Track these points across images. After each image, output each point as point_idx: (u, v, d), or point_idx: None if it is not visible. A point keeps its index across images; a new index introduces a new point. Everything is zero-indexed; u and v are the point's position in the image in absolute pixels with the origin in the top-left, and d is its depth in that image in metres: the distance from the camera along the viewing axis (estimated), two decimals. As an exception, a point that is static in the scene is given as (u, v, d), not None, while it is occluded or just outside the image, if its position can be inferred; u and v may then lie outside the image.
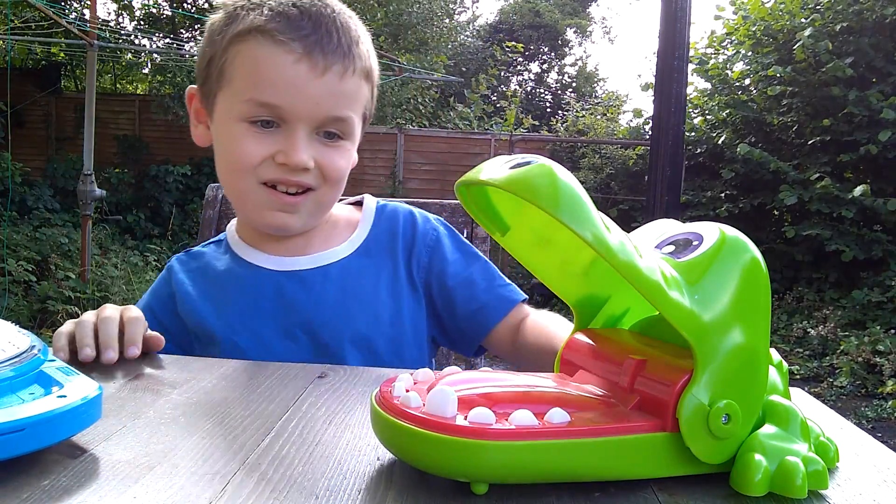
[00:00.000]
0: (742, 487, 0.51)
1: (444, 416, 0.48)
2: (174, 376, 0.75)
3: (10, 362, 0.55)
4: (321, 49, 0.89)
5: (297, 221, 0.97)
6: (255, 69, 0.90)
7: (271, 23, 0.89)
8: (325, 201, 0.98)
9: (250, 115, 0.90)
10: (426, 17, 11.90)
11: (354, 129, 0.96)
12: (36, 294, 5.45)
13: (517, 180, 0.49)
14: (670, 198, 5.88)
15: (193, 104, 1.00)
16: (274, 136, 0.91)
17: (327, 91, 0.90)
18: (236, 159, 0.93)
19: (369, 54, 0.96)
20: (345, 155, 0.97)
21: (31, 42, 8.64)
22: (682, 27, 5.83)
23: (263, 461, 0.53)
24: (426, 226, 1.07)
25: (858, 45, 6.60)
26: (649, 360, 0.55)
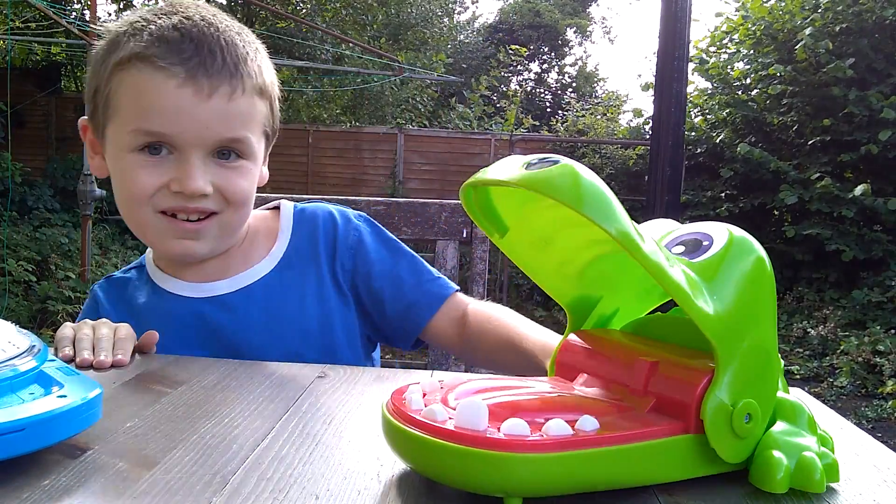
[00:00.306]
0: (765, 485, 0.51)
1: (478, 429, 0.46)
2: (174, 376, 0.75)
3: (9, 362, 0.55)
4: (205, 71, 0.86)
5: (202, 247, 0.93)
6: (138, 98, 0.87)
7: (151, 48, 0.86)
8: (232, 224, 0.94)
9: (138, 145, 0.88)
10: (426, 17, 11.91)
11: (253, 148, 0.92)
12: (36, 294, 5.45)
13: (545, 180, 0.48)
14: (670, 198, 5.88)
15: (87, 135, 0.97)
16: (166, 163, 0.88)
17: (216, 114, 0.87)
18: (130, 191, 0.90)
19: (261, 69, 0.92)
20: (246, 175, 0.92)
21: (31, 42, 8.64)
22: (683, 27, 5.82)
23: (263, 461, 0.53)
24: (347, 226, 1.04)
25: (858, 46, 6.60)
26: (661, 362, 0.55)
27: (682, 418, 0.52)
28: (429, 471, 0.49)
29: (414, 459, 0.50)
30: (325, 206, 1.08)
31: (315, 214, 1.05)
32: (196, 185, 0.87)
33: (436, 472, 0.48)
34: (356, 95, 10.77)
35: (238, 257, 1.00)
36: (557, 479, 0.47)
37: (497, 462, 0.45)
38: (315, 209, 1.06)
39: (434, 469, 0.48)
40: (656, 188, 5.92)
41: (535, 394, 0.54)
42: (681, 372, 0.54)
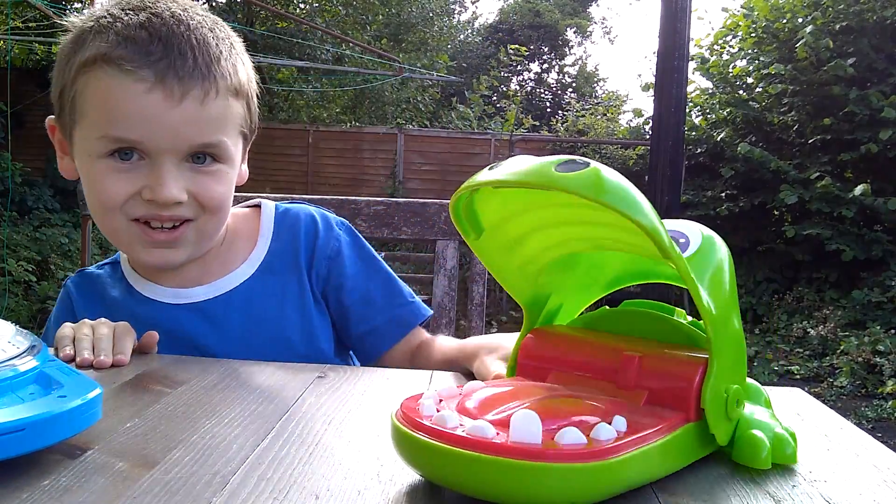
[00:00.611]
0: (751, 462, 0.55)
1: (535, 442, 0.45)
2: (174, 376, 0.75)
3: (9, 362, 0.55)
4: (175, 73, 0.81)
5: (178, 256, 0.89)
6: (105, 103, 0.82)
7: (117, 49, 0.81)
8: (208, 230, 0.90)
9: (107, 151, 0.83)
10: (426, 17, 11.91)
11: (229, 151, 0.88)
12: (36, 294, 5.46)
13: (587, 182, 0.48)
14: (670, 198, 5.89)
15: (56, 136, 0.92)
16: (138, 169, 0.84)
17: (188, 118, 0.83)
18: (100, 198, 0.86)
19: (236, 68, 0.88)
20: (222, 180, 0.88)
21: (32, 42, 8.64)
22: (683, 27, 5.83)
23: (263, 461, 0.53)
24: (328, 234, 1.00)
25: (859, 46, 6.60)
26: (645, 356, 0.56)
27: (681, 409, 0.54)
28: (478, 489, 0.46)
29: (458, 478, 0.46)
30: (307, 208, 1.04)
31: (297, 217, 1.01)
32: (169, 192, 0.83)
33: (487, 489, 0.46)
34: (356, 95, 10.78)
35: (216, 261, 0.96)
36: (612, 484, 0.47)
37: (560, 474, 0.44)
38: (298, 211, 1.02)
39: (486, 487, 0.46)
40: (656, 188, 5.92)
41: (544, 398, 0.53)
42: (673, 365, 0.56)
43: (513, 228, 0.60)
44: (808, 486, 0.53)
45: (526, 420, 0.46)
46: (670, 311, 0.64)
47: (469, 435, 0.46)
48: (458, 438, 0.46)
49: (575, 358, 0.60)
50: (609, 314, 0.65)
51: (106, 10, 0.86)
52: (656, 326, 0.63)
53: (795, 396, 0.80)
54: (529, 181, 0.50)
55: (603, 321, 0.65)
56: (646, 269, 0.67)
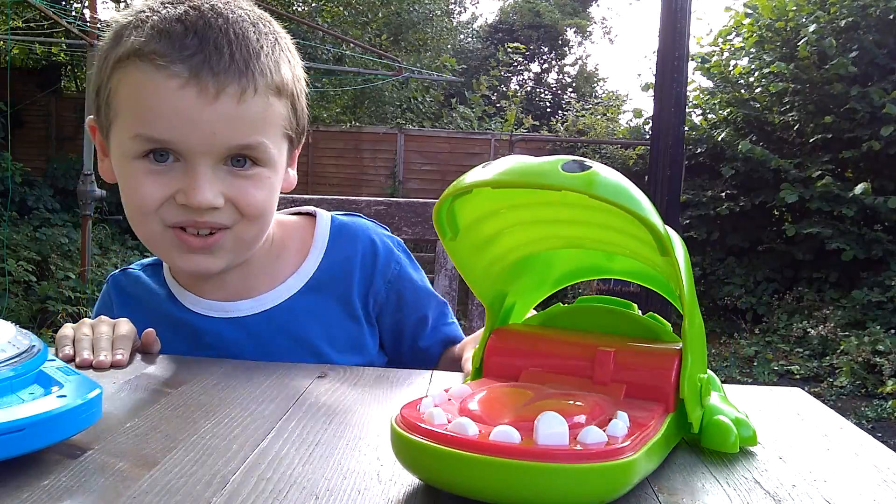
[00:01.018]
0: (721, 447, 0.58)
1: (563, 444, 0.44)
2: (174, 376, 0.75)
3: (9, 362, 0.55)
4: (210, 69, 0.77)
5: (216, 263, 0.85)
6: (138, 101, 0.79)
7: (151, 44, 0.78)
8: (248, 238, 0.86)
9: (141, 152, 0.80)
10: (425, 17, 11.91)
11: (271, 154, 0.83)
12: (36, 294, 5.45)
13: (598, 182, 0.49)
14: (670, 198, 5.88)
15: (96, 136, 0.89)
16: (172, 171, 0.80)
17: (223, 117, 0.78)
18: (135, 202, 0.82)
19: (278, 65, 0.83)
20: (263, 184, 0.84)
21: (32, 42, 8.64)
22: (683, 27, 5.83)
23: (263, 461, 0.53)
24: (389, 258, 0.97)
25: (862, 41, 6.60)
26: (619, 351, 0.58)
27: (661, 400, 0.55)
28: (505, 495, 0.44)
29: (483, 486, 0.44)
30: (365, 224, 1.00)
31: (355, 236, 0.97)
32: (203, 197, 0.79)
33: (516, 495, 0.44)
34: (356, 95, 10.77)
35: (262, 273, 0.93)
36: (631, 480, 0.47)
37: (589, 474, 0.44)
38: (356, 229, 0.98)
39: (513, 493, 0.44)
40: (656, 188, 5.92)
41: (542, 398, 0.53)
42: (649, 358, 0.58)
43: (485, 229, 0.60)
44: (808, 486, 0.53)
45: (552, 422, 0.45)
46: (626, 305, 0.65)
47: (496, 440, 0.44)
48: (486, 445, 0.44)
49: (546, 356, 0.61)
50: (565, 311, 0.67)
51: (146, 5, 0.83)
52: (615, 321, 0.64)
53: (795, 396, 0.80)
54: (537, 181, 0.50)
55: (560, 318, 0.66)
56: (596, 265, 0.69)
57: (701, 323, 0.58)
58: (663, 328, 0.64)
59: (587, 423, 0.48)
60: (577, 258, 0.69)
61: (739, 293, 6.92)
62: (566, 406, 0.51)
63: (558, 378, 0.58)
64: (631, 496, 0.50)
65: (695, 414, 0.56)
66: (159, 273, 0.98)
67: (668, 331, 0.64)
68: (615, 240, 0.60)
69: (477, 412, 0.50)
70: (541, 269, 0.68)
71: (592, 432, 0.46)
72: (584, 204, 0.52)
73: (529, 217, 0.59)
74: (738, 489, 0.52)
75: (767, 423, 0.69)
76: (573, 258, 0.69)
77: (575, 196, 0.49)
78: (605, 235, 0.60)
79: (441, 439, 0.46)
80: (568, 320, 0.66)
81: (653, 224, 0.49)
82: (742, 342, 6.15)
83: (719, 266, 7.31)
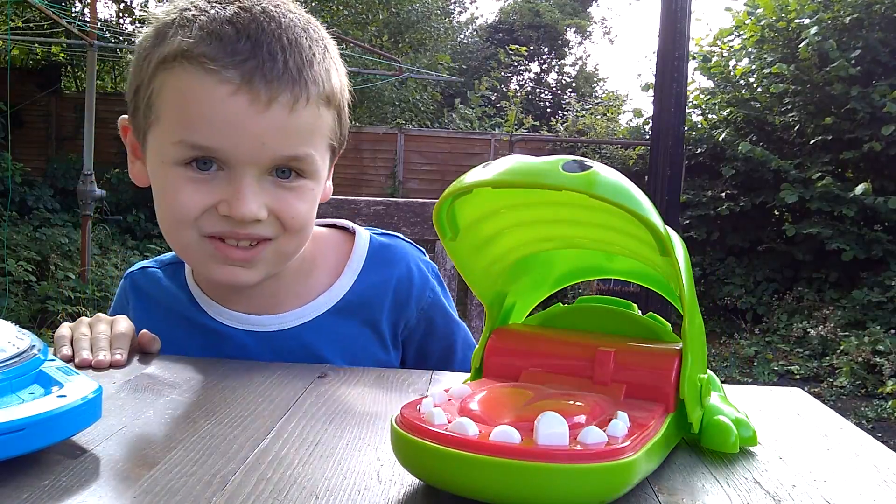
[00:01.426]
0: (721, 447, 0.58)
1: (564, 444, 0.44)
2: (174, 376, 0.75)
3: (9, 362, 0.55)
4: (263, 76, 0.74)
5: (253, 276, 0.82)
6: (184, 105, 0.75)
7: (201, 46, 0.74)
8: (288, 251, 0.84)
9: (183, 159, 0.77)
10: (425, 16, 11.91)
11: (317, 165, 0.81)
12: (36, 294, 5.45)
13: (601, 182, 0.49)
14: (670, 198, 5.88)
15: (128, 137, 0.86)
16: (215, 180, 0.77)
17: (274, 127, 0.75)
18: (173, 210, 0.79)
19: (329, 74, 0.80)
20: (307, 196, 0.81)
21: (32, 42, 8.64)
22: (683, 27, 5.82)
23: (263, 461, 0.53)
24: (424, 284, 0.95)
25: (866, 39, 6.60)
26: (619, 351, 0.58)
27: (661, 400, 0.55)
28: (506, 496, 0.44)
29: (484, 487, 0.44)
30: (405, 251, 0.96)
31: (393, 260, 0.94)
32: (248, 208, 0.76)
33: (515, 496, 0.44)
34: (356, 95, 10.76)
35: (292, 289, 0.90)
36: (631, 480, 0.47)
37: (589, 474, 0.44)
38: (395, 253, 0.95)
39: (513, 493, 0.44)
40: (656, 188, 5.92)
41: (541, 398, 0.53)
42: (649, 358, 0.57)
43: (485, 229, 0.60)
44: (808, 486, 0.53)
45: (552, 422, 0.45)
46: (626, 305, 0.65)
47: (496, 440, 0.44)
48: (486, 445, 0.44)
49: (546, 356, 0.61)
50: (565, 311, 0.67)
51: (191, 3, 0.79)
52: (615, 321, 0.64)
53: (795, 396, 0.80)
54: (537, 181, 0.50)
55: (559, 318, 0.66)
56: (596, 265, 0.69)
57: (701, 323, 0.58)
58: (663, 328, 0.64)
59: (587, 424, 0.48)
60: (577, 258, 0.69)
61: (739, 293, 6.92)
62: (566, 406, 0.51)
63: (558, 378, 0.58)
64: (631, 496, 0.50)
65: (695, 414, 0.57)
66: (179, 274, 0.94)
67: (668, 331, 0.64)
68: (615, 240, 0.60)
69: (477, 412, 0.50)
70: (540, 270, 0.68)
71: (592, 432, 0.45)
72: (585, 204, 0.52)
73: (529, 217, 0.59)
74: (738, 489, 0.52)
75: (767, 423, 0.69)
76: (573, 258, 0.69)
77: (575, 196, 0.49)
78: (605, 235, 0.60)
79: (441, 439, 0.45)
80: (568, 320, 0.66)
81: (653, 224, 0.49)
82: (742, 342, 6.15)
83: (719, 266, 7.31)
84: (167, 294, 0.94)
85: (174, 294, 0.93)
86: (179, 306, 0.92)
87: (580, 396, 0.53)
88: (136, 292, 0.97)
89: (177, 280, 0.94)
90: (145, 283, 0.96)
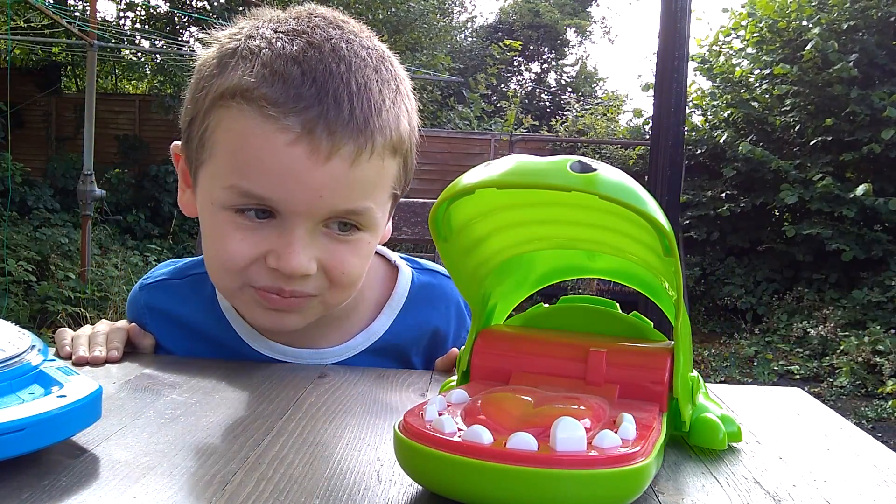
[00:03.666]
0: (710, 444, 0.58)
1: (581, 450, 0.44)
2: (174, 376, 0.75)
3: (9, 362, 0.55)
4: (326, 126, 0.68)
5: (296, 322, 0.79)
6: (239, 150, 0.71)
7: (262, 86, 0.69)
8: (334, 303, 0.80)
9: (234, 205, 0.72)
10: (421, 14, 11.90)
11: (375, 218, 0.76)
12: (36, 294, 5.45)
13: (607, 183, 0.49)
14: (670, 198, 5.88)
15: (180, 164, 0.82)
16: (266, 229, 0.73)
17: (333, 180, 0.70)
18: (220, 258, 0.75)
19: (398, 121, 0.74)
20: (360, 251, 0.77)
21: (32, 42, 8.64)
22: (683, 27, 5.82)
23: (263, 461, 0.53)
24: (461, 328, 0.92)
25: (863, 43, 6.61)
26: (611, 351, 0.58)
27: (655, 400, 0.55)
28: (520, 503, 0.43)
29: (494, 494, 0.43)
30: (444, 292, 0.92)
31: (432, 302, 0.91)
32: (298, 263, 0.71)
33: (528, 503, 0.43)
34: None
35: (334, 326, 0.86)
36: (645, 483, 0.46)
37: (607, 480, 0.43)
38: (434, 293, 0.91)
39: (526, 500, 0.43)
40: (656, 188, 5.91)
41: (542, 403, 0.52)
42: (642, 358, 0.58)
43: (476, 230, 0.60)
44: (808, 486, 0.53)
45: (570, 427, 0.44)
46: (609, 304, 0.65)
47: (514, 449, 0.43)
48: (505, 453, 0.43)
49: (536, 357, 0.60)
50: (547, 311, 0.66)
51: (257, 29, 0.74)
52: (598, 321, 0.64)
53: (795, 396, 0.80)
54: (545, 182, 0.49)
55: (542, 319, 0.66)
56: (578, 264, 0.68)
57: (688, 321, 0.58)
58: (647, 326, 0.64)
59: (593, 427, 0.47)
60: (559, 258, 0.68)
61: (739, 293, 6.92)
62: (574, 410, 0.50)
63: (549, 380, 0.58)
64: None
65: (687, 412, 0.57)
66: (204, 288, 0.87)
67: (651, 329, 0.64)
68: (609, 240, 0.60)
69: (484, 419, 0.48)
70: (522, 270, 0.67)
71: (608, 437, 0.45)
72: (582, 204, 0.52)
73: (521, 218, 0.59)
74: (738, 489, 0.52)
75: (767, 423, 0.69)
76: (554, 258, 0.68)
77: (573, 196, 0.49)
78: (600, 235, 0.60)
79: (456, 448, 0.44)
80: (550, 321, 0.66)
81: (662, 225, 0.49)
82: (742, 342, 6.15)
83: (719, 266, 7.32)
84: (192, 311, 0.88)
85: (200, 312, 0.88)
86: (205, 326, 0.87)
87: (580, 399, 0.53)
88: (151, 311, 0.90)
89: (202, 294, 0.88)
90: (164, 300, 0.90)
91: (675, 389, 0.56)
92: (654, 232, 0.50)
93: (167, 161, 9.02)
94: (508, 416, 0.49)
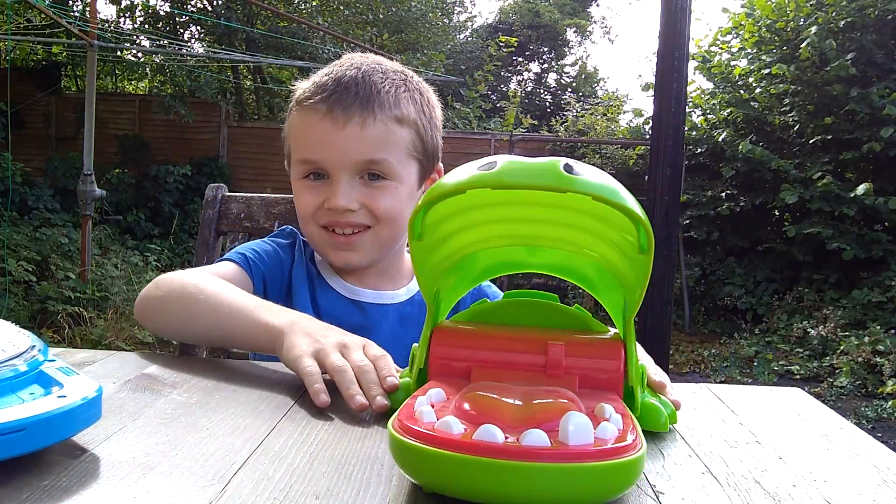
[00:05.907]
0: (654, 427, 0.62)
1: (589, 443, 0.45)
2: (174, 376, 0.75)
3: (9, 362, 0.55)
4: (339, 104, 1.00)
5: (359, 258, 1.05)
6: (297, 134, 1.05)
7: (307, 94, 1.03)
8: (384, 238, 1.05)
9: (303, 173, 1.04)
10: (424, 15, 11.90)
11: (395, 168, 1.02)
12: (36, 294, 5.45)
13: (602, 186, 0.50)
14: (670, 198, 5.87)
15: (287, 162, 1.12)
16: (322, 186, 1.03)
17: (351, 140, 0.99)
18: (299, 211, 1.07)
19: (398, 102, 1.03)
20: (390, 193, 1.03)
21: (32, 42, 8.64)
22: (683, 27, 5.81)
23: (263, 461, 0.53)
24: (467, 299, 0.97)
25: (861, 41, 6.61)
26: (569, 343, 0.60)
27: (613, 388, 0.58)
28: (532, 499, 0.44)
29: (511, 491, 0.43)
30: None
31: None
32: (340, 201, 1.00)
33: (543, 498, 0.43)
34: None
35: (388, 274, 1.11)
36: (639, 472, 0.47)
37: (616, 470, 0.44)
38: None
39: (541, 495, 0.43)
40: (656, 188, 5.91)
41: (523, 396, 0.52)
42: (598, 349, 0.60)
43: (443, 229, 0.61)
44: (808, 486, 0.53)
45: (579, 423, 0.45)
46: (552, 297, 0.67)
47: (527, 444, 0.44)
48: (519, 451, 0.43)
49: (493, 351, 0.62)
50: (493, 307, 0.68)
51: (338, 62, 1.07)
52: (543, 314, 0.66)
53: (795, 396, 0.80)
54: (542, 183, 0.50)
55: (488, 314, 0.67)
56: (518, 259, 0.69)
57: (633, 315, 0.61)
58: (589, 317, 0.66)
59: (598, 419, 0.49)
60: (499, 254, 0.69)
61: (739, 293, 6.92)
62: (569, 405, 0.50)
63: (510, 374, 0.59)
64: (631, 496, 0.50)
65: (639, 398, 0.60)
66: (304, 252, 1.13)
67: (593, 320, 0.66)
68: (578, 239, 0.61)
69: (486, 418, 0.48)
70: (467, 267, 0.69)
71: (608, 429, 0.46)
72: (557, 204, 0.53)
73: (487, 217, 0.60)
74: (738, 489, 0.52)
75: (767, 423, 0.69)
76: (495, 254, 0.68)
77: (547, 195, 0.50)
78: (569, 234, 0.61)
79: (472, 449, 0.44)
80: (497, 316, 0.67)
81: (647, 224, 0.51)
82: (742, 342, 6.15)
83: (719, 266, 7.31)
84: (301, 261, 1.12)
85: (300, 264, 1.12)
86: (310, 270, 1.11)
87: (559, 392, 0.52)
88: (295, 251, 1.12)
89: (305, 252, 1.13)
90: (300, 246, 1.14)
91: (630, 377, 0.58)
92: (635, 229, 0.52)
93: (167, 161, 9.02)
94: (509, 414, 0.49)
